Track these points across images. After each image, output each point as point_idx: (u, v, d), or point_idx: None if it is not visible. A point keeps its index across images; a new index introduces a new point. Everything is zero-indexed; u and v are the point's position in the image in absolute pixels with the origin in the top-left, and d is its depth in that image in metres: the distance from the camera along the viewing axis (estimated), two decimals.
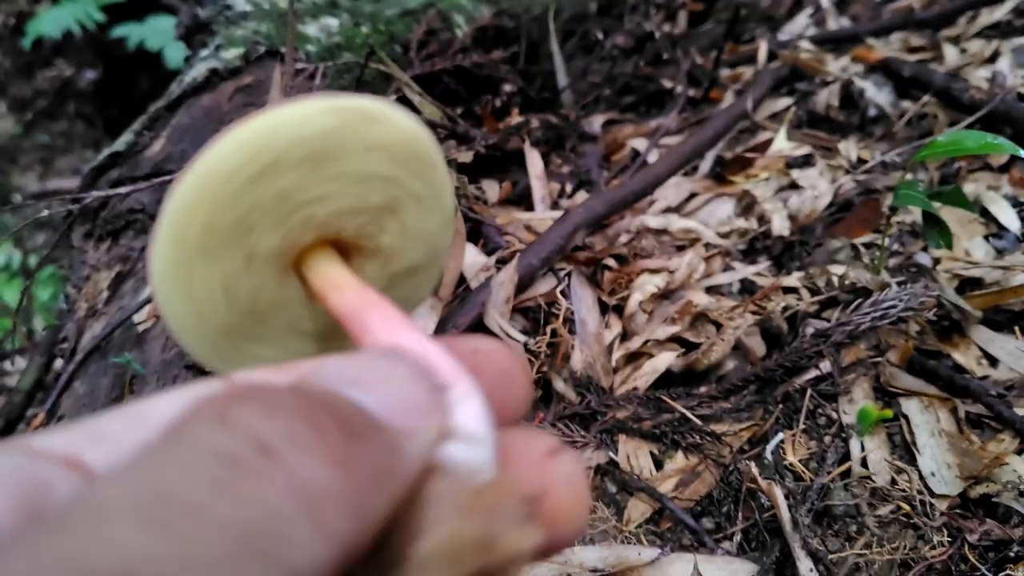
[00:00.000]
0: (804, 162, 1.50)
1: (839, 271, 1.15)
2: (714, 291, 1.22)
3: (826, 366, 1.00)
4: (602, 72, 1.90)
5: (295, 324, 0.37)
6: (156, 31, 3.02)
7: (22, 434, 0.26)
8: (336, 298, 0.33)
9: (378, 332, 0.31)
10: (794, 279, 1.19)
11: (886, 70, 1.66)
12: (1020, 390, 0.95)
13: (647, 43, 2.04)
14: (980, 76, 1.57)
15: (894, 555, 0.81)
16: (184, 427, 0.20)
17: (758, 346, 1.09)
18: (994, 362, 1.00)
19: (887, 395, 0.98)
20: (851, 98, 1.63)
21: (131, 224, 1.18)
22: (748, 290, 1.22)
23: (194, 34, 1.60)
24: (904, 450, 0.92)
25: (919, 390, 0.96)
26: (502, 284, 1.10)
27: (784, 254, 1.30)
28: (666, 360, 1.07)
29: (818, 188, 1.37)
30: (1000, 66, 1.58)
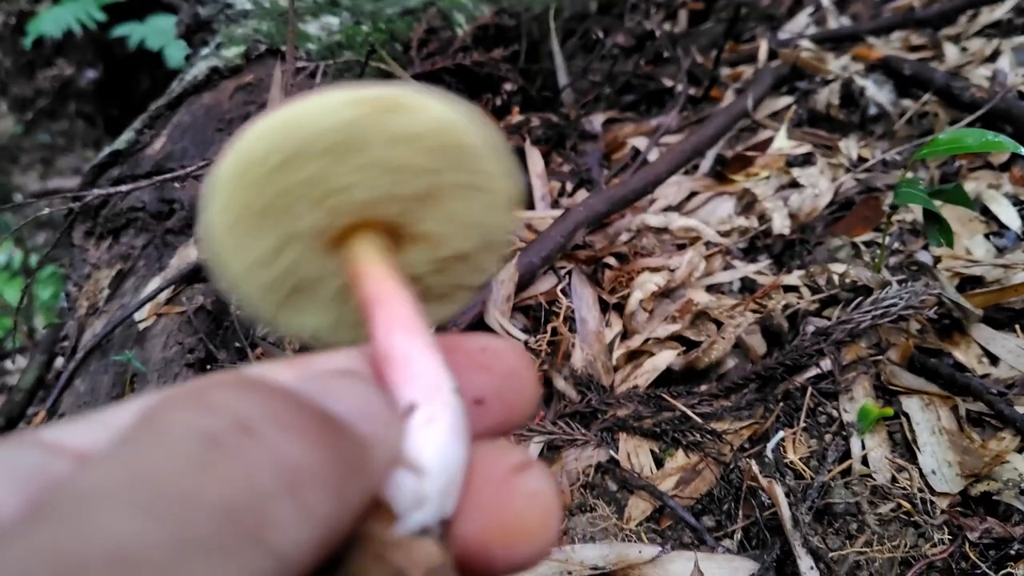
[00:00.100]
0: (804, 160, 1.50)
1: (840, 269, 1.15)
2: (715, 289, 1.22)
3: (827, 364, 1.00)
4: (602, 71, 1.90)
5: (343, 295, 0.38)
6: (157, 30, 3.02)
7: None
8: (359, 284, 0.33)
9: (378, 330, 0.31)
10: (795, 277, 1.19)
11: (887, 69, 1.66)
12: (1021, 388, 0.95)
13: (647, 42, 2.04)
14: (980, 74, 1.57)
15: (895, 553, 0.81)
16: (162, 410, 0.20)
17: (759, 344, 1.09)
18: (995, 360, 1.00)
19: (888, 393, 0.98)
20: (851, 97, 1.63)
21: (132, 222, 1.18)
22: (748, 288, 1.22)
23: (195, 33, 1.60)
24: (905, 448, 0.92)
25: (920, 388, 0.96)
26: (503, 282, 1.10)
27: (785, 252, 1.30)
28: (667, 358, 1.07)
29: (818, 186, 1.37)
30: (1000, 64, 1.58)
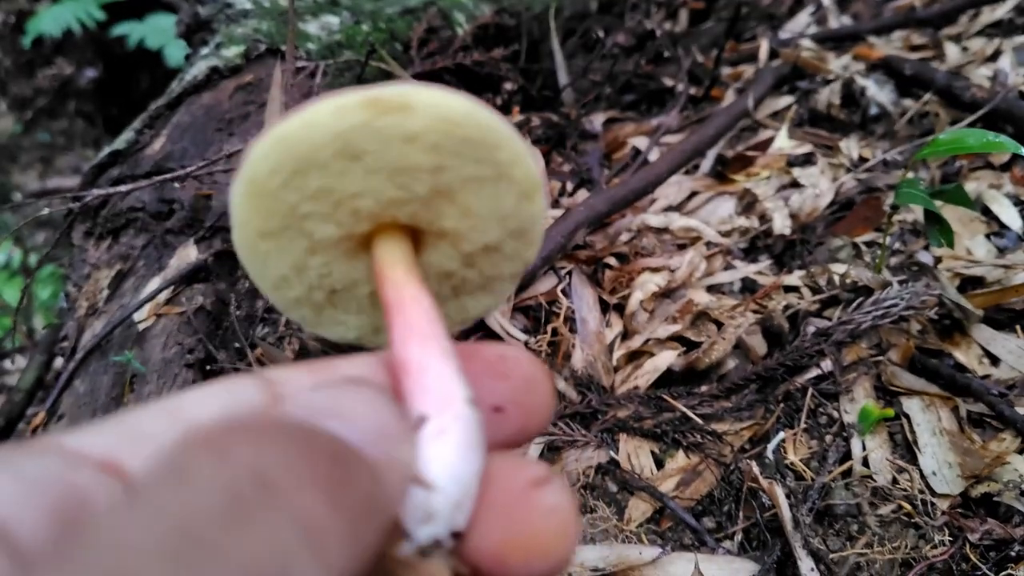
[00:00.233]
0: (805, 160, 1.50)
1: (840, 270, 1.15)
2: (715, 290, 1.21)
3: (827, 365, 1.00)
4: (603, 70, 1.90)
5: (375, 298, 0.38)
6: (156, 29, 3.02)
7: (46, 434, 0.27)
8: (381, 287, 0.33)
9: (394, 338, 0.31)
10: (795, 278, 1.19)
11: (887, 68, 1.66)
12: (1021, 389, 0.95)
13: (648, 41, 2.04)
14: (981, 74, 1.57)
15: (895, 554, 0.80)
16: (186, 460, 0.21)
17: (759, 345, 1.09)
18: (995, 361, 1.00)
19: (888, 394, 0.98)
20: (852, 96, 1.63)
21: (131, 223, 1.18)
22: (749, 289, 1.22)
23: (194, 32, 1.60)
24: (905, 449, 0.92)
25: (920, 389, 0.96)
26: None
27: (785, 253, 1.30)
28: (667, 359, 1.07)
29: (819, 186, 1.37)
30: (1001, 64, 1.57)
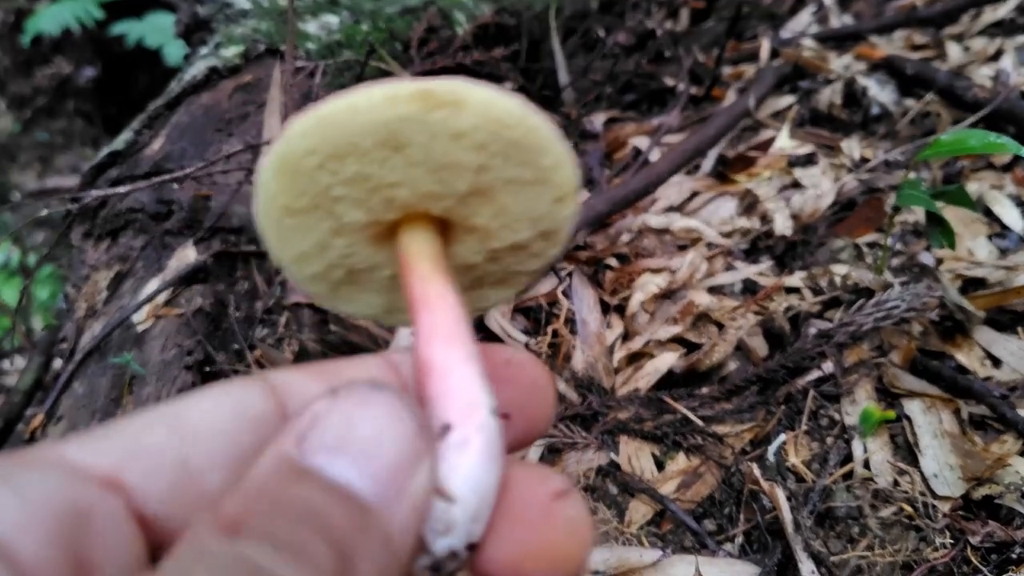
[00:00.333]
0: (807, 161, 1.49)
1: (842, 271, 1.14)
2: (716, 291, 1.21)
3: (828, 367, 1.00)
4: (603, 70, 1.89)
5: (396, 283, 0.37)
6: (155, 28, 3.01)
7: (50, 440, 0.27)
8: (406, 281, 0.33)
9: (419, 336, 0.31)
10: (796, 279, 1.18)
11: (889, 68, 1.65)
12: (1023, 391, 0.95)
13: (649, 41, 2.04)
14: (983, 74, 1.57)
15: (896, 557, 0.80)
16: (194, 560, 0.21)
17: (760, 346, 1.09)
18: (997, 363, 0.99)
19: (890, 396, 0.98)
20: (854, 96, 1.62)
21: (130, 223, 1.17)
22: (750, 290, 1.21)
23: (193, 32, 1.59)
24: (907, 451, 0.92)
25: (922, 391, 0.96)
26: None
27: (786, 254, 1.30)
28: (668, 361, 1.06)
29: (821, 187, 1.37)
30: (1003, 64, 1.57)
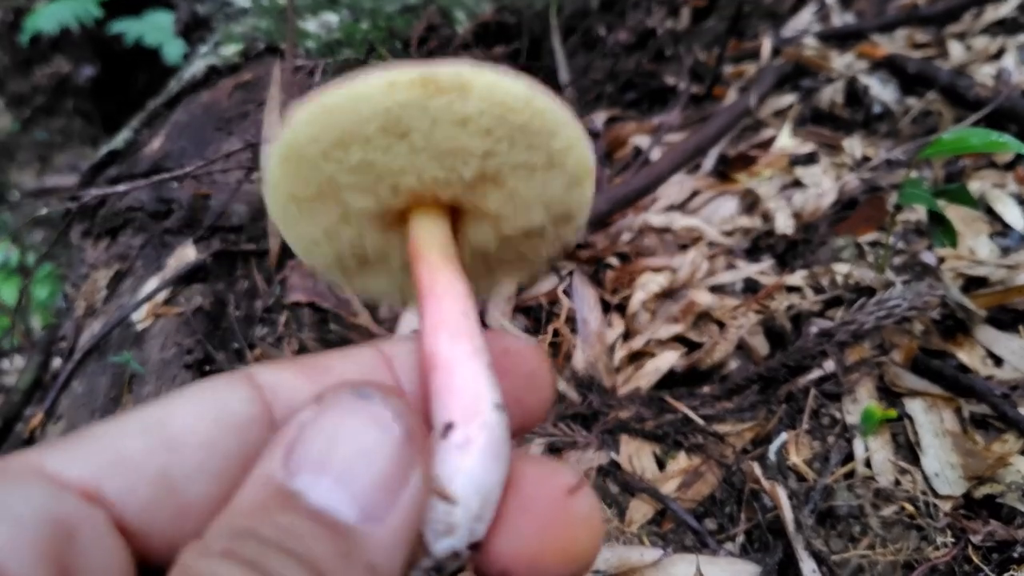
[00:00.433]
0: (808, 159, 1.49)
1: (843, 270, 1.14)
2: (717, 290, 1.21)
3: (830, 366, 0.99)
4: (604, 69, 1.89)
5: (404, 266, 0.38)
6: (154, 27, 3.00)
7: (34, 446, 0.26)
8: (415, 268, 0.33)
9: (425, 326, 0.31)
10: (798, 278, 1.18)
11: (891, 67, 1.65)
12: None
13: (650, 39, 2.03)
14: (985, 73, 1.56)
15: (897, 556, 0.80)
16: None
17: (761, 345, 1.09)
18: (999, 362, 0.99)
19: (891, 395, 0.97)
20: (856, 95, 1.62)
21: (130, 222, 1.17)
22: (751, 289, 1.21)
23: (193, 30, 1.59)
24: (908, 450, 0.91)
25: (923, 390, 0.96)
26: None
27: (788, 252, 1.29)
28: (669, 360, 1.06)
29: (822, 186, 1.37)
30: (1005, 63, 1.57)
